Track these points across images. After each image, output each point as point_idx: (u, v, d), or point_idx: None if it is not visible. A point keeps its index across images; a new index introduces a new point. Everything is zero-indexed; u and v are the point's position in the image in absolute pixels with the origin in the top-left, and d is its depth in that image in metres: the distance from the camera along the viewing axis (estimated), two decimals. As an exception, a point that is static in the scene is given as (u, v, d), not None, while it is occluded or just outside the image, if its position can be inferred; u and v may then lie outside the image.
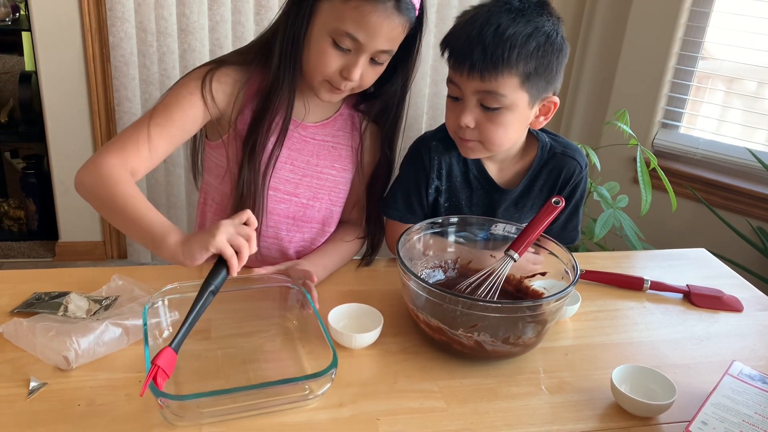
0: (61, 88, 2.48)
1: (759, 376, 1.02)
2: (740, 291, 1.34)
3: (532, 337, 1.03)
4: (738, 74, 2.50)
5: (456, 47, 1.13)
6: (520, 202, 1.32)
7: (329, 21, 1.07)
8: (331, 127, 1.26)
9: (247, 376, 0.97)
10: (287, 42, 1.11)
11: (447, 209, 1.33)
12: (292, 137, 1.21)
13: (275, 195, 1.24)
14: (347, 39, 1.07)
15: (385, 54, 1.11)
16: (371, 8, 1.04)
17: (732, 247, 2.33)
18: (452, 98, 1.19)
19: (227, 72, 1.16)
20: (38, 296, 1.10)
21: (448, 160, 1.29)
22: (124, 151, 1.06)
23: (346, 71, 1.10)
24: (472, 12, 1.15)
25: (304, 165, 1.24)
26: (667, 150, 2.59)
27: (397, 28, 1.08)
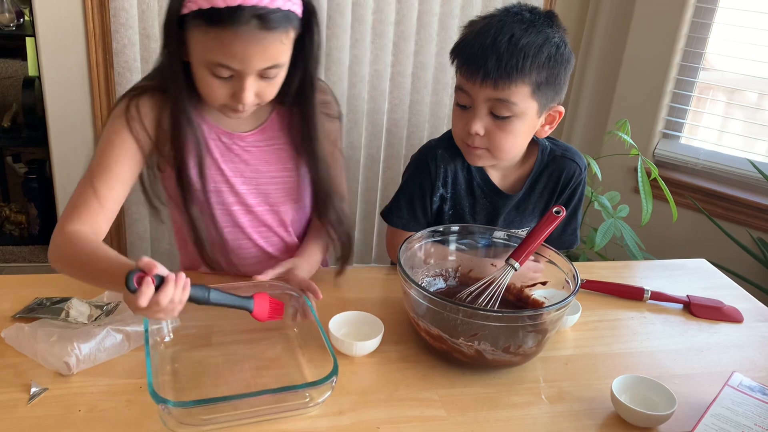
0: (64, 93, 2.48)
1: (759, 388, 1.02)
2: (740, 302, 1.34)
3: (533, 347, 1.03)
4: (739, 85, 2.50)
5: (470, 56, 1.13)
6: (521, 206, 1.34)
7: (199, 53, 1.02)
8: (270, 129, 1.22)
9: (248, 383, 0.97)
10: (168, 74, 1.07)
11: (451, 217, 1.34)
12: (233, 150, 1.18)
13: (239, 209, 1.22)
14: (222, 68, 1.02)
15: (273, 69, 1.04)
16: (232, 36, 0.97)
17: (732, 258, 2.33)
18: (461, 106, 1.19)
19: (147, 102, 1.11)
20: (40, 301, 1.11)
21: (453, 168, 1.30)
22: (78, 216, 1.06)
23: (236, 97, 1.05)
24: (483, 22, 1.15)
25: (254, 174, 1.21)
26: (668, 160, 2.60)
27: (273, 44, 1.01)
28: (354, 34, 2.48)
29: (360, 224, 2.82)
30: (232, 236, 1.24)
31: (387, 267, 1.38)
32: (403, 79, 2.60)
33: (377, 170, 2.74)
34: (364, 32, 2.47)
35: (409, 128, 2.70)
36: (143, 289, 0.84)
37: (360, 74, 2.54)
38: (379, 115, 2.64)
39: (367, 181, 2.75)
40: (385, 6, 2.46)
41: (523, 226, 1.38)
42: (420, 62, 2.59)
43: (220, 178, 1.18)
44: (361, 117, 2.62)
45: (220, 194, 1.19)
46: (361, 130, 2.64)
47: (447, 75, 2.63)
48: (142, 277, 0.85)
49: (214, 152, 1.17)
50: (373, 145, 2.69)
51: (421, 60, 2.59)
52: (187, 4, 0.98)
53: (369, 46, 2.51)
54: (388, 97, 2.63)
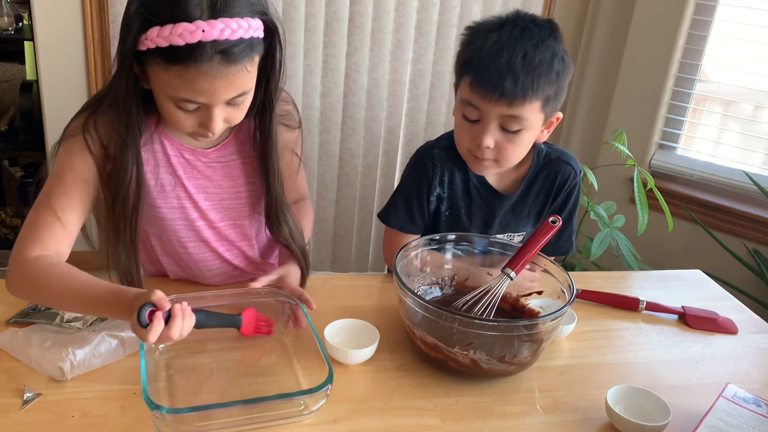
0: (62, 97, 2.49)
1: (753, 399, 1.02)
2: (735, 313, 1.34)
3: (528, 356, 1.03)
4: (735, 97, 2.52)
5: (484, 75, 1.14)
6: (517, 207, 1.35)
7: (162, 88, 0.98)
8: (233, 143, 1.19)
9: (242, 391, 0.97)
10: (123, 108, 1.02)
11: (447, 218, 1.35)
12: (196, 166, 1.16)
13: (203, 224, 1.20)
14: (187, 103, 0.98)
15: (240, 97, 1.01)
16: (195, 73, 0.93)
17: (728, 269, 2.34)
18: (468, 120, 1.20)
19: (104, 119, 1.06)
20: (34, 306, 1.10)
21: (450, 168, 1.31)
22: (39, 239, 1.01)
23: (204, 126, 1.02)
24: (492, 37, 1.15)
25: (218, 190, 1.19)
26: (665, 171, 2.61)
27: (238, 75, 0.97)
28: (352, 42, 2.49)
29: (357, 232, 2.82)
30: (198, 250, 1.22)
31: (383, 275, 1.38)
32: (401, 88, 2.61)
33: (374, 177, 2.74)
34: (362, 40, 2.48)
35: (407, 136, 2.71)
36: (155, 325, 0.84)
37: (358, 82, 2.54)
38: (377, 123, 2.65)
39: (364, 188, 2.76)
40: (384, 15, 2.47)
41: (519, 230, 1.38)
42: (418, 70, 2.60)
43: (183, 195, 1.17)
44: (359, 125, 2.63)
45: (184, 210, 1.18)
46: (359, 137, 2.64)
47: (444, 83, 2.64)
48: (153, 312, 0.86)
49: (178, 169, 1.15)
50: (370, 152, 2.69)
51: (419, 68, 2.60)
52: (143, 41, 0.93)
53: (367, 54, 2.52)
54: (385, 105, 2.63)
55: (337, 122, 2.60)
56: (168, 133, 1.14)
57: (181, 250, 1.22)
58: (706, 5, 2.43)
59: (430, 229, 1.37)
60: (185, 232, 1.20)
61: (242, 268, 1.29)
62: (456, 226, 1.35)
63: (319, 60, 2.45)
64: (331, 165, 2.66)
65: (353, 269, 2.88)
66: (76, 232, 1.06)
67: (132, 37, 0.94)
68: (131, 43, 0.95)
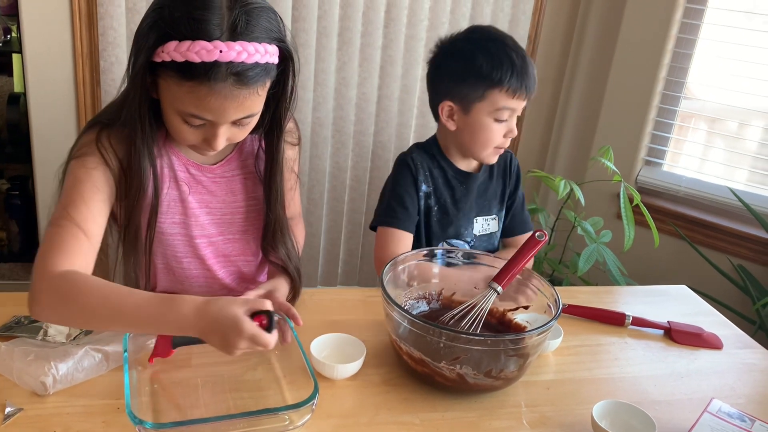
0: (50, 110, 2.48)
1: (737, 414, 1.02)
2: (720, 328, 1.35)
3: (515, 371, 1.03)
4: (720, 114, 2.55)
5: (526, 83, 1.39)
6: (487, 189, 1.56)
7: (170, 101, 0.99)
8: (237, 158, 1.21)
9: (227, 405, 0.96)
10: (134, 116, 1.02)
11: (437, 212, 1.51)
12: (202, 182, 1.17)
13: (200, 242, 1.20)
14: (194, 119, 0.99)
15: (246, 118, 1.02)
16: (207, 91, 0.94)
17: (713, 285, 2.35)
18: (500, 121, 1.42)
19: (116, 133, 1.07)
20: (18, 320, 1.09)
21: (428, 166, 1.50)
22: (65, 253, 0.97)
23: (207, 142, 1.03)
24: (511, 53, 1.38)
25: (221, 205, 1.20)
26: (651, 187, 2.63)
27: (249, 98, 0.98)
28: (342, 56, 2.50)
29: (345, 245, 2.82)
30: (192, 266, 1.22)
31: (371, 289, 1.38)
32: (390, 103, 2.62)
33: (363, 191, 2.75)
34: (352, 55, 2.50)
35: (395, 151, 2.71)
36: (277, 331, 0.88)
37: (347, 96, 2.55)
38: (366, 137, 2.66)
39: (353, 202, 2.76)
40: (373, 30, 2.49)
41: (491, 212, 1.57)
42: (406, 86, 2.61)
43: (186, 210, 1.17)
44: (348, 139, 2.64)
45: (184, 226, 1.18)
46: (348, 151, 2.65)
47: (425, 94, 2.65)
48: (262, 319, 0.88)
49: (182, 184, 1.15)
50: (359, 166, 2.70)
51: (407, 84, 2.61)
52: (159, 53, 0.94)
53: (356, 69, 2.53)
54: (374, 120, 2.64)
55: (327, 137, 2.61)
56: (175, 147, 1.14)
57: (174, 265, 1.21)
58: (690, 24, 2.47)
59: (424, 227, 1.51)
60: (182, 247, 1.20)
61: (231, 287, 1.28)
62: (446, 217, 1.51)
63: (311, 74, 2.45)
64: (319, 179, 2.66)
65: (341, 283, 2.88)
66: (99, 245, 1.03)
67: (148, 47, 0.95)
68: (147, 53, 0.95)
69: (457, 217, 1.51)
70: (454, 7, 2.55)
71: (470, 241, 1.54)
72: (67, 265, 0.96)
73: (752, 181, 2.49)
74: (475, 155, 1.48)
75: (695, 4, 2.45)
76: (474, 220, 1.54)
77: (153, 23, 0.95)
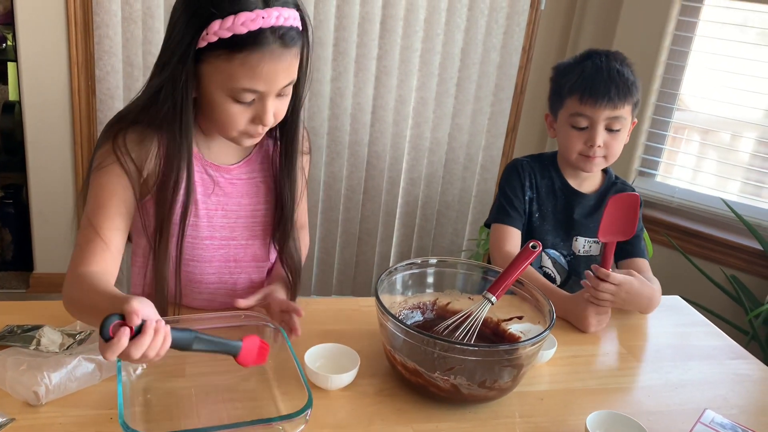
0: (45, 119, 2.48)
1: (730, 425, 1.03)
2: (713, 339, 1.36)
3: (509, 381, 1.03)
4: (713, 126, 2.57)
5: (595, 88, 1.45)
6: (594, 213, 1.57)
7: (221, 83, 1.03)
8: (254, 162, 1.23)
9: (221, 416, 0.96)
10: (175, 109, 1.05)
11: (537, 219, 1.58)
12: (219, 183, 1.19)
13: (212, 243, 1.21)
14: (246, 93, 1.03)
15: (288, 86, 1.08)
16: (259, 57, 1.00)
17: (706, 295, 2.36)
18: (577, 129, 1.49)
19: (133, 135, 1.10)
20: (10, 329, 1.09)
21: (535, 174, 1.60)
22: (84, 258, 1.04)
23: (258, 119, 1.07)
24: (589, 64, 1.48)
25: (236, 207, 1.22)
26: (644, 197, 2.63)
27: (291, 60, 1.05)
28: (337, 67, 2.51)
29: (339, 255, 2.82)
30: (197, 270, 1.23)
31: (365, 298, 1.38)
32: (385, 113, 2.63)
33: (358, 201, 2.75)
34: (347, 65, 2.51)
35: (390, 160, 2.72)
36: (114, 340, 0.78)
37: (342, 106, 2.56)
38: (361, 147, 2.66)
39: (348, 211, 2.76)
40: (369, 41, 2.50)
41: (593, 235, 1.57)
42: (401, 96, 2.63)
43: (197, 212, 1.18)
44: (343, 149, 2.64)
45: (196, 228, 1.18)
46: (343, 161, 2.66)
47: (428, 109, 2.67)
48: (121, 324, 0.79)
49: (198, 186, 1.16)
50: (354, 176, 2.70)
51: (402, 94, 2.62)
52: (204, 37, 0.99)
53: (352, 79, 2.54)
54: (369, 130, 2.65)
55: (321, 146, 2.62)
56: (194, 148, 1.15)
57: (183, 269, 1.21)
58: (683, 36, 2.49)
59: (525, 231, 1.58)
60: (189, 251, 1.20)
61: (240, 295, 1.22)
62: (544, 224, 1.58)
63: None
64: (314, 189, 2.66)
65: (335, 293, 2.88)
66: (119, 249, 1.09)
67: (191, 36, 1.00)
68: (188, 43, 1.00)
69: (555, 228, 1.57)
70: (449, 18, 2.56)
71: (566, 255, 1.57)
72: (84, 267, 1.03)
73: (745, 192, 2.51)
74: (568, 161, 1.55)
75: (688, 17, 2.47)
76: (574, 238, 1.57)
77: (190, 12, 1.01)
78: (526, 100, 2.81)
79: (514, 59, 2.68)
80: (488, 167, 2.83)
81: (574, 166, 1.55)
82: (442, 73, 2.63)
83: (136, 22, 2.35)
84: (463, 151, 2.78)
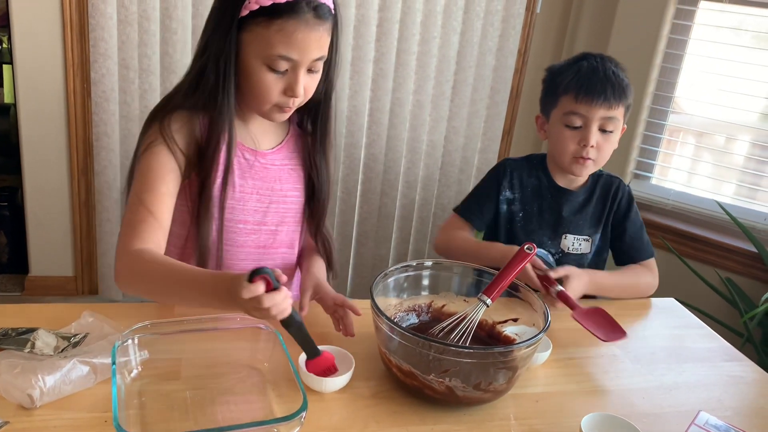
0: (40, 121, 2.47)
1: (724, 427, 1.03)
2: (708, 341, 1.36)
3: (503, 384, 1.03)
4: (707, 129, 2.58)
5: (590, 87, 1.45)
6: (582, 209, 1.58)
7: (258, 50, 1.10)
8: (287, 149, 1.29)
9: (216, 418, 0.96)
10: (216, 83, 1.13)
11: (521, 219, 1.59)
12: (255, 167, 1.24)
13: (245, 227, 1.26)
14: (282, 61, 1.10)
15: (319, 61, 1.14)
16: (294, 25, 1.08)
17: (701, 297, 2.37)
18: (571, 128, 1.48)
19: (178, 118, 1.17)
20: (5, 332, 1.08)
21: (520, 173, 1.60)
22: (138, 234, 1.09)
23: (290, 90, 1.13)
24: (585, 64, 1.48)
25: (269, 192, 1.27)
26: (639, 200, 2.65)
27: (323, 34, 1.12)
28: (333, 69, 2.51)
29: (335, 258, 2.82)
30: (228, 255, 1.25)
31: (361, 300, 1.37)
32: (381, 115, 2.63)
33: (354, 204, 2.75)
34: (343, 68, 2.51)
35: (386, 163, 2.73)
36: (253, 286, 0.89)
37: (338, 109, 2.55)
38: (357, 150, 2.67)
39: (343, 214, 2.76)
40: (365, 44, 2.50)
41: (583, 232, 1.58)
42: (398, 99, 2.63)
43: (236, 195, 1.22)
44: (339, 151, 2.64)
45: (232, 211, 1.23)
46: (339, 164, 2.66)
47: (424, 112, 2.67)
48: (262, 278, 0.89)
49: (235, 169, 1.21)
50: (350, 179, 2.71)
51: (399, 97, 2.63)
52: (247, 5, 1.07)
53: (348, 82, 2.55)
54: (366, 133, 2.65)
55: (317, 149, 2.62)
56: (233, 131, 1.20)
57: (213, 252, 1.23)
58: (678, 40, 2.50)
59: (506, 232, 1.59)
60: (225, 235, 1.23)
61: None
62: (529, 225, 1.58)
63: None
64: (311, 191, 2.66)
65: (332, 296, 2.87)
66: (168, 224, 1.15)
67: (234, 5, 1.08)
68: (232, 12, 1.09)
69: (541, 228, 1.57)
70: (445, 21, 2.57)
71: (554, 253, 1.58)
72: (139, 244, 1.08)
73: (739, 194, 2.52)
74: (559, 164, 1.55)
75: (683, 20, 2.48)
76: (563, 236, 1.57)
77: None
78: (522, 102, 2.82)
79: (510, 62, 2.69)
80: (484, 170, 2.81)
81: (565, 170, 1.55)
82: (438, 76, 2.64)
83: (131, 24, 2.34)
84: (459, 153, 2.78)
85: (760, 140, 2.46)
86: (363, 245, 2.82)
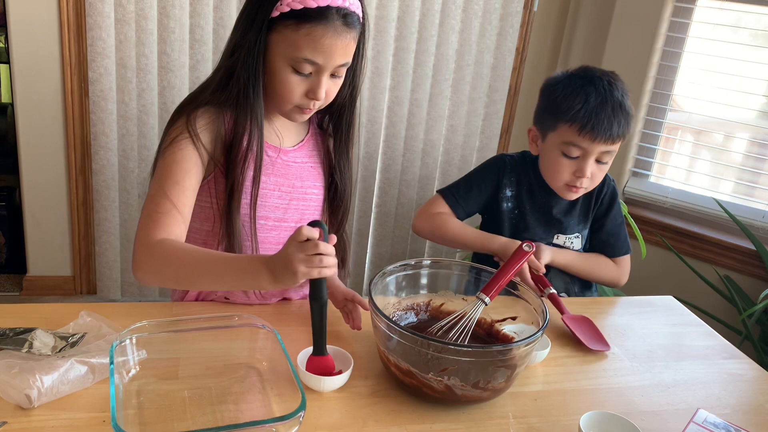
0: (38, 121, 2.47)
1: (723, 425, 1.03)
2: (706, 339, 1.36)
3: (502, 382, 1.03)
4: (706, 126, 2.58)
5: (597, 124, 1.42)
6: (571, 210, 1.60)
7: (285, 51, 1.12)
8: (307, 147, 1.31)
9: (214, 418, 0.96)
10: (247, 80, 1.15)
11: (516, 216, 1.60)
12: (277, 164, 1.26)
13: (266, 224, 1.27)
14: (306, 64, 1.12)
15: (342, 67, 1.16)
16: (323, 30, 1.10)
17: (700, 295, 2.37)
18: (568, 157, 1.47)
19: (204, 115, 1.19)
20: (2, 332, 1.08)
21: (518, 172, 1.60)
22: (161, 225, 1.11)
23: (312, 93, 1.15)
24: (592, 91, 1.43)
25: (290, 189, 1.28)
26: (638, 198, 2.65)
27: (350, 42, 1.14)
28: (331, 68, 2.51)
29: (334, 257, 2.82)
30: (249, 252, 1.26)
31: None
32: (378, 114, 2.63)
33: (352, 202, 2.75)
34: (340, 67, 2.51)
35: (384, 161, 2.72)
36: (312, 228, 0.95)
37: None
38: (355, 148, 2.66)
39: (342, 213, 2.76)
40: (362, 42, 2.49)
41: (572, 231, 1.61)
42: (396, 97, 2.63)
43: (259, 191, 1.23)
44: (337, 150, 2.64)
45: (253, 207, 1.23)
46: (337, 163, 2.65)
47: (422, 111, 2.67)
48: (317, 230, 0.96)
49: None
50: (348, 178, 2.70)
51: (397, 95, 2.62)
52: (279, 7, 1.10)
53: (345, 80, 2.54)
54: (363, 131, 2.65)
55: (315, 148, 2.61)
56: None
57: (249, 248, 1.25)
58: (676, 37, 2.50)
59: (499, 227, 1.60)
60: (246, 229, 1.24)
61: None
62: (522, 222, 1.59)
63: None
64: (309, 190, 2.66)
65: (330, 294, 2.87)
66: (189, 218, 1.17)
67: (267, 6, 1.10)
68: (264, 12, 1.11)
69: (533, 226, 1.59)
70: (442, 19, 2.57)
71: None
72: (162, 234, 1.10)
73: (738, 192, 2.52)
74: (550, 185, 1.54)
75: (681, 18, 2.48)
76: (555, 236, 1.59)
77: None
78: (520, 101, 2.82)
79: (508, 60, 2.69)
80: (482, 168, 2.83)
81: (555, 190, 1.54)
82: (436, 75, 2.64)
83: (129, 23, 2.34)
84: (457, 152, 2.78)
85: (758, 138, 2.46)
86: (360, 244, 2.82)
